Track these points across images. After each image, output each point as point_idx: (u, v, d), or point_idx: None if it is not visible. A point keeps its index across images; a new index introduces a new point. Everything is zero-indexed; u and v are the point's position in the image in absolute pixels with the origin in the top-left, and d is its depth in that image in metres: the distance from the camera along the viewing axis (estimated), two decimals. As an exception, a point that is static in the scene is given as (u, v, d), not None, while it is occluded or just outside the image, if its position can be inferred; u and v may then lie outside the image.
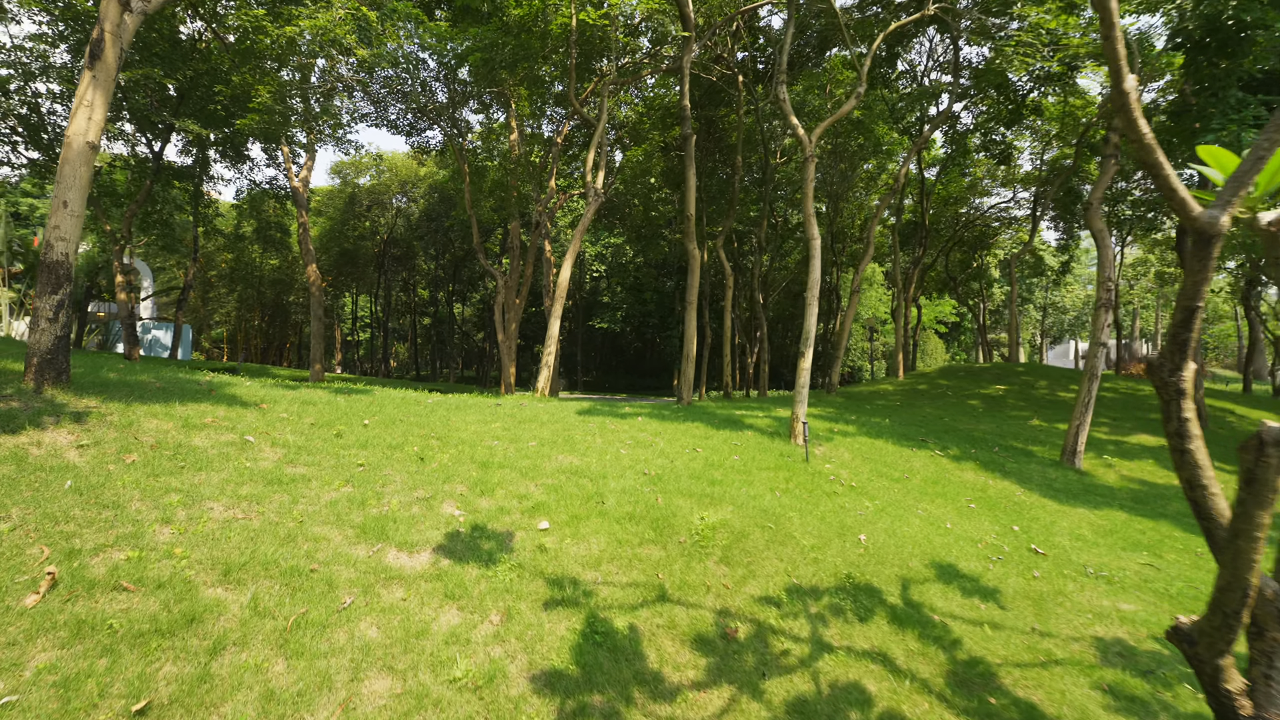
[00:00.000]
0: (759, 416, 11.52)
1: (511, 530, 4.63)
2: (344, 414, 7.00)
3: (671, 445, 8.08)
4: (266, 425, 5.97)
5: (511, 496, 5.27)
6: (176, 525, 3.83)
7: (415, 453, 6.04)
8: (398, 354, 66.21)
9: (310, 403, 7.24)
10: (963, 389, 17.29)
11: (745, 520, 5.42)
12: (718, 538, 4.93)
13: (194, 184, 24.79)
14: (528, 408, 9.73)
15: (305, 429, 6.13)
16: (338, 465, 5.34)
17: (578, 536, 4.66)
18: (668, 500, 5.60)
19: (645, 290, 43.99)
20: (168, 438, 5.09)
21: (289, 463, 5.18)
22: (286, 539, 3.93)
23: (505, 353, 19.70)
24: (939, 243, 28.03)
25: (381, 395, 8.99)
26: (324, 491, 4.75)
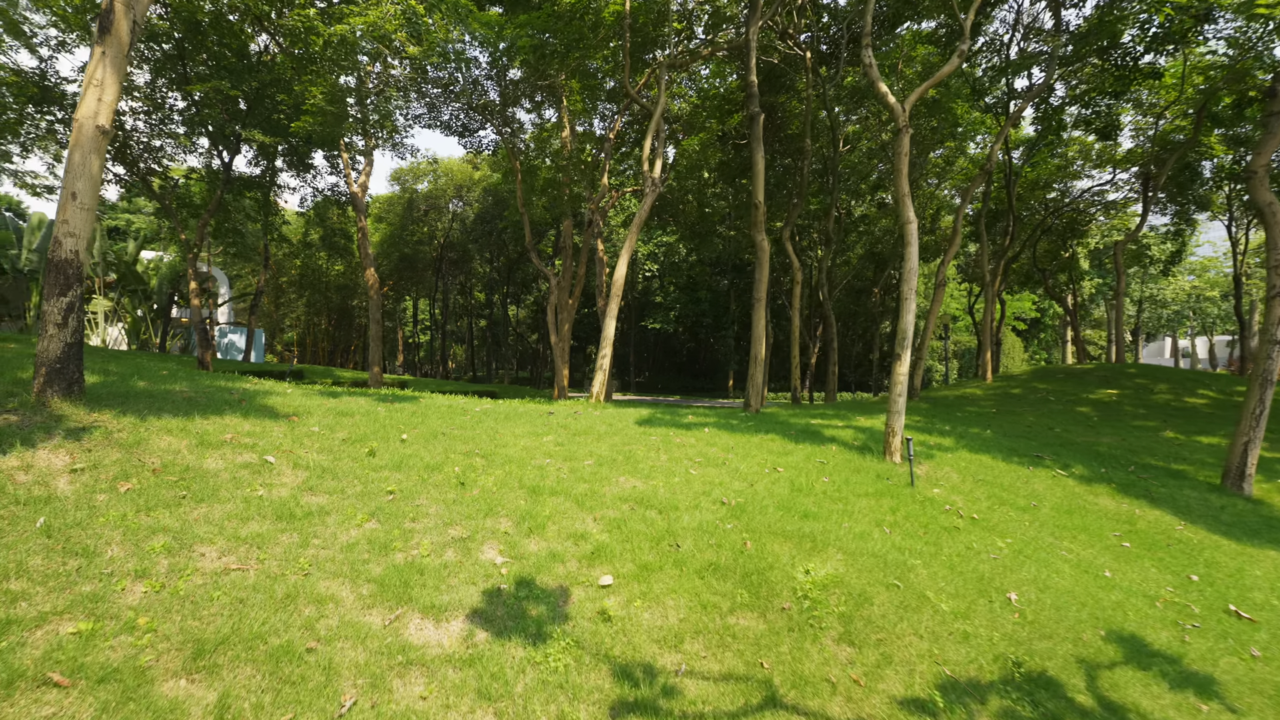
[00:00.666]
0: (839, 427, 10.16)
1: (566, 586, 3.63)
2: (381, 427, 6.23)
3: (747, 464, 6.92)
4: (293, 442, 5.24)
5: (565, 536, 4.28)
6: (153, 581, 3.02)
7: (455, 475, 5.16)
8: (455, 356, 67.58)
9: (346, 414, 6.52)
10: (1066, 393, 15.19)
11: (861, 574, 4.21)
12: (831, 601, 3.76)
13: (262, 193, 25.49)
14: (582, 417, 8.79)
15: (335, 446, 5.36)
16: (365, 492, 4.50)
17: (649, 597, 3.61)
18: (757, 543, 4.46)
19: (699, 289, 42.69)
20: (177, 459, 4.39)
21: (309, 489, 4.38)
22: (284, 601, 3.06)
23: (558, 355, 18.98)
24: (1024, 231, 25.40)
25: (427, 404, 8.25)
26: (343, 529, 3.90)
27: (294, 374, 26.95)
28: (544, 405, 10.29)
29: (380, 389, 10.66)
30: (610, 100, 23.32)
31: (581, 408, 10.27)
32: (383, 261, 40.81)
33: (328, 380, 28.60)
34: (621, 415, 9.48)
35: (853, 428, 10.10)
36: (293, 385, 9.23)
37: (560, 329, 21.64)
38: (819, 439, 8.79)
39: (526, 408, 9.45)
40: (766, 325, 24.61)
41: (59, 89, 18.78)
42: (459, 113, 20.85)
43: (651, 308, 44.14)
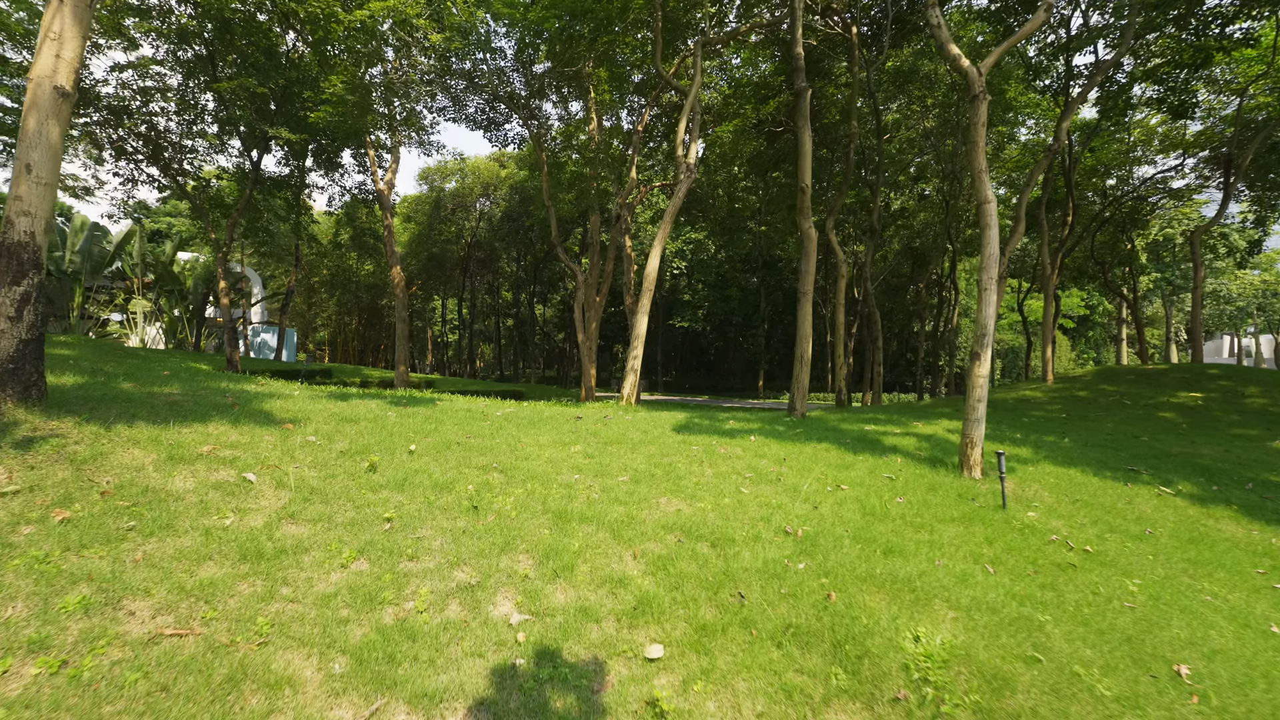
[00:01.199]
0: (897, 434, 9.06)
1: (602, 660, 2.74)
2: (388, 436, 5.46)
3: (805, 480, 5.94)
4: (282, 454, 4.48)
5: (599, 580, 3.39)
6: (50, 657, 2.24)
7: (468, 496, 4.33)
8: (483, 355, 67.68)
9: (351, 420, 5.77)
10: (1141, 397, 13.69)
11: (984, 640, 3.21)
12: (960, 686, 2.78)
13: (292, 193, 25.38)
14: (613, 422, 7.92)
15: (331, 460, 4.59)
16: (357, 520, 3.70)
17: (713, 677, 2.69)
18: (843, 592, 3.50)
19: (728, 287, 41.51)
20: (136, 478, 3.65)
21: (289, 517, 3.59)
22: (224, 687, 2.25)
23: (585, 354, 18.19)
24: (1081, 222, 23.61)
25: (444, 408, 7.48)
26: (322, 572, 3.09)
27: (322, 373, 26.81)
28: (570, 408, 9.45)
29: (399, 390, 9.99)
30: (638, 93, 22.48)
31: (611, 411, 9.40)
32: (411, 261, 40.78)
33: (356, 379, 28.42)
34: (655, 420, 8.57)
35: (913, 435, 8.99)
36: (304, 386, 8.61)
37: (588, 327, 20.86)
38: (879, 449, 7.74)
39: (552, 411, 8.62)
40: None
41: (94, 90, 18.75)
42: (484, 105, 20.24)
43: (679, 306, 43.13)
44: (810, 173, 9.49)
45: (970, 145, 7.29)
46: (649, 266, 10.81)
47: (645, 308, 10.78)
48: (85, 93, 18.80)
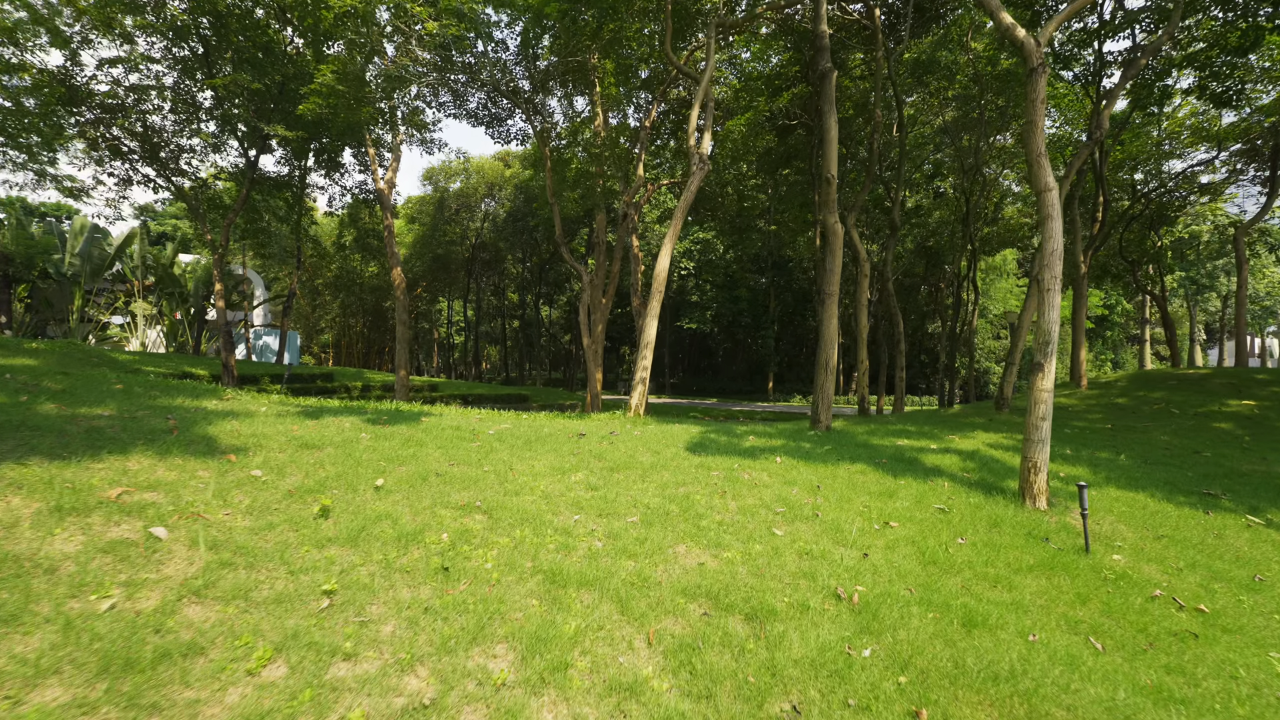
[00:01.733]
0: (934, 450, 8.11)
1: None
2: (355, 465, 4.59)
3: (845, 514, 5.03)
4: (214, 497, 3.62)
5: (602, 688, 2.50)
6: None
7: (440, 550, 3.45)
8: (489, 356, 67.04)
9: (313, 446, 4.90)
10: (1188, 404, 12.63)
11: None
12: None
13: (293, 194, 24.68)
14: (620, 440, 7.03)
15: (274, 503, 3.72)
16: (285, 596, 2.82)
17: None
18: (932, 704, 2.59)
19: (737, 287, 40.53)
20: (1, 540, 2.80)
21: (196, 593, 2.72)
22: None
23: (591, 358, 17.32)
24: (1111, 217, 22.51)
25: (430, 425, 6.60)
26: (216, 687, 2.21)
27: (323, 377, 26.10)
28: (573, 421, 8.57)
29: (384, 404, 9.09)
30: (645, 89, 21.65)
31: (618, 424, 8.51)
32: (415, 262, 40.11)
33: (357, 383, 27.71)
34: (666, 436, 7.67)
35: (953, 452, 8.03)
36: (281, 398, 7.77)
37: (594, 330, 19.99)
38: (920, 471, 6.80)
39: (553, 426, 7.73)
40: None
41: (86, 88, 18.10)
42: (486, 100, 19.42)
43: (687, 307, 42.20)
44: (836, 162, 8.55)
45: (1028, 126, 6.34)
46: (658, 266, 9.92)
47: (654, 311, 9.88)
48: (76, 90, 18.14)
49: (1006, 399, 12.35)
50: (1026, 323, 12.16)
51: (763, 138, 21.21)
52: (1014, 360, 12.26)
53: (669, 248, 9.78)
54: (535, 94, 18.84)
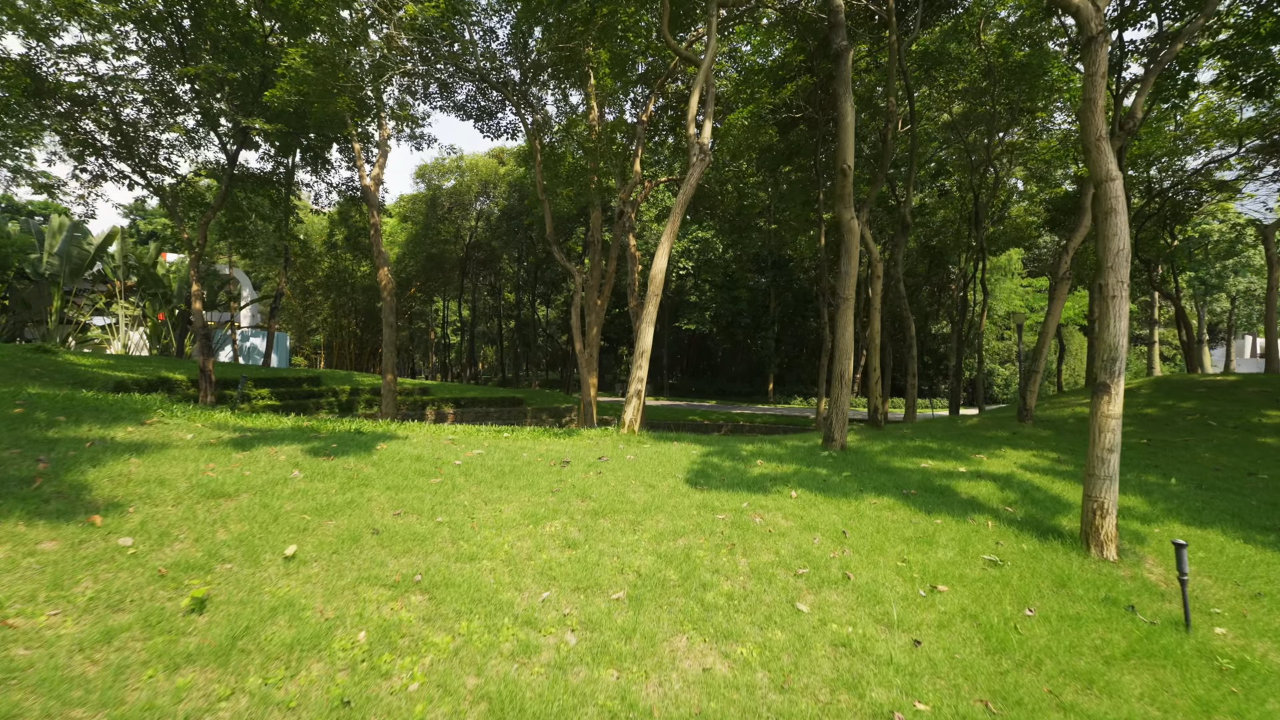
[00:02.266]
0: (963, 475, 7.16)
1: None
2: (268, 523, 3.62)
3: (879, 570, 4.08)
4: (47, 585, 2.65)
5: None
6: None
7: (347, 665, 2.49)
8: (486, 357, 66.09)
9: (221, 494, 3.92)
10: (1225, 415, 11.70)
11: None
12: None
13: (279, 191, 23.66)
14: (609, 469, 6.07)
15: (134, 590, 2.75)
16: (85, 772, 1.86)
17: None
18: None
19: (737, 287, 39.57)
20: None
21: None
22: None
23: (584, 364, 16.35)
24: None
25: (384, 456, 5.62)
26: None
27: (310, 380, 25.09)
28: (559, 442, 7.60)
29: (341, 424, 8.03)
30: (643, 83, 20.72)
31: (609, 444, 7.54)
32: (409, 262, 39.10)
33: (345, 387, 26.72)
34: (663, 461, 6.71)
35: (986, 477, 7.07)
36: (225, 416, 6.79)
37: (588, 333, 19.02)
38: (953, 503, 5.84)
39: (534, 450, 6.77)
40: (828, 327, 21.28)
41: (55, 79, 17.08)
42: (475, 93, 18.43)
43: (686, 307, 41.22)
44: (852, 151, 7.59)
45: (1086, 106, 5.37)
46: (655, 267, 8.96)
47: (650, 317, 8.92)
48: (42, 80, 17.13)
49: (1029, 409, 11.40)
50: (1052, 328, 11.21)
51: (764, 132, 20.26)
52: (1037, 368, 11.32)
53: (666, 247, 8.82)
54: (526, 85, 17.85)
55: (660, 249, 8.94)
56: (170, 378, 19.43)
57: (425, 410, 27.97)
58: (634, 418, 8.73)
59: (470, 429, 8.20)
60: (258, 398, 23.12)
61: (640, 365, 8.54)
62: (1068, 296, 36.34)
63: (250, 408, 22.37)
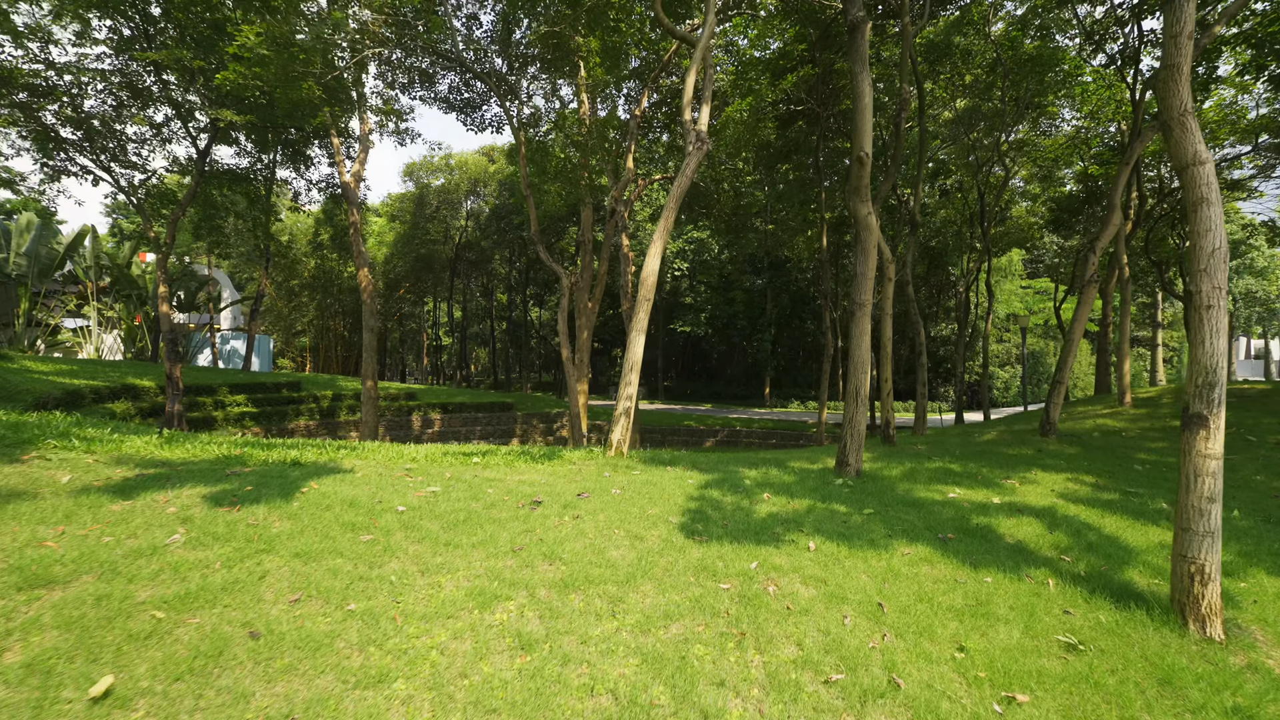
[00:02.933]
0: (996, 505, 6.18)
1: None
2: (101, 624, 2.57)
3: (935, 668, 3.07)
4: None
5: None
6: None
7: None
8: (479, 359, 64.91)
9: (52, 579, 2.86)
10: (1261, 429, 10.77)
11: None
12: None
13: (256, 188, 22.50)
14: (590, 507, 5.05)
15: None
16: None
17: None
18: None
19: (733, 289, 38.62)
20: None
21: None
22: None
23: (572, 373, 15.29)
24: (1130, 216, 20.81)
25: (309, 502, 4.55)
26: None
27: (289, 385, 23.92)
28: (534, 471, 6.56)
29: (269, 459, 6.87)
30: (636, 78, 19.77)
31: (592, 475, 6.52)
32: (397, 262, 37.96)
33: (327, 393, 25.55)
34: (654, 497, 5.69)
35: (1025, 511, 6.09)
36: (159, 440, 5.72)
37: (578, 337, 18.00)
38: (998, 550, 4.85)
39: (504, 484, 5.73)
40: (831, 332, 20.25)
41: (8, 68, 15.88)
42: (459, 84, 17.36)
43: (680, 309, 40.25)
44: (869, 135, 6.60)
45: (1166, 73, 4.38)
46: (646, 269, 7.95)
47: (641, 324, 7.90)
48: (-4, 67, 15.96)
49: (1053, 423, 10.45)
50: (1078, 336, 10.26)
51: (763, 127, 19.31)
52: (1062, 378, 10.35)
53: (659, 246, 7.80)
54: (513, 76, 16.81)
55: (652, 248, 7.93)
56: (137, 385, 18.25)
57: (411, 416, 26.84)
58: (622, 438, 7.70)
59: (435, 454, 7.15)
60: (233, 405, 21.96)
61: (629, 381, 7.52)
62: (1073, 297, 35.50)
63: (225, 416, 21.22)
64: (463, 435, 27.20)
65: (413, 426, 26.37)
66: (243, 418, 21.58)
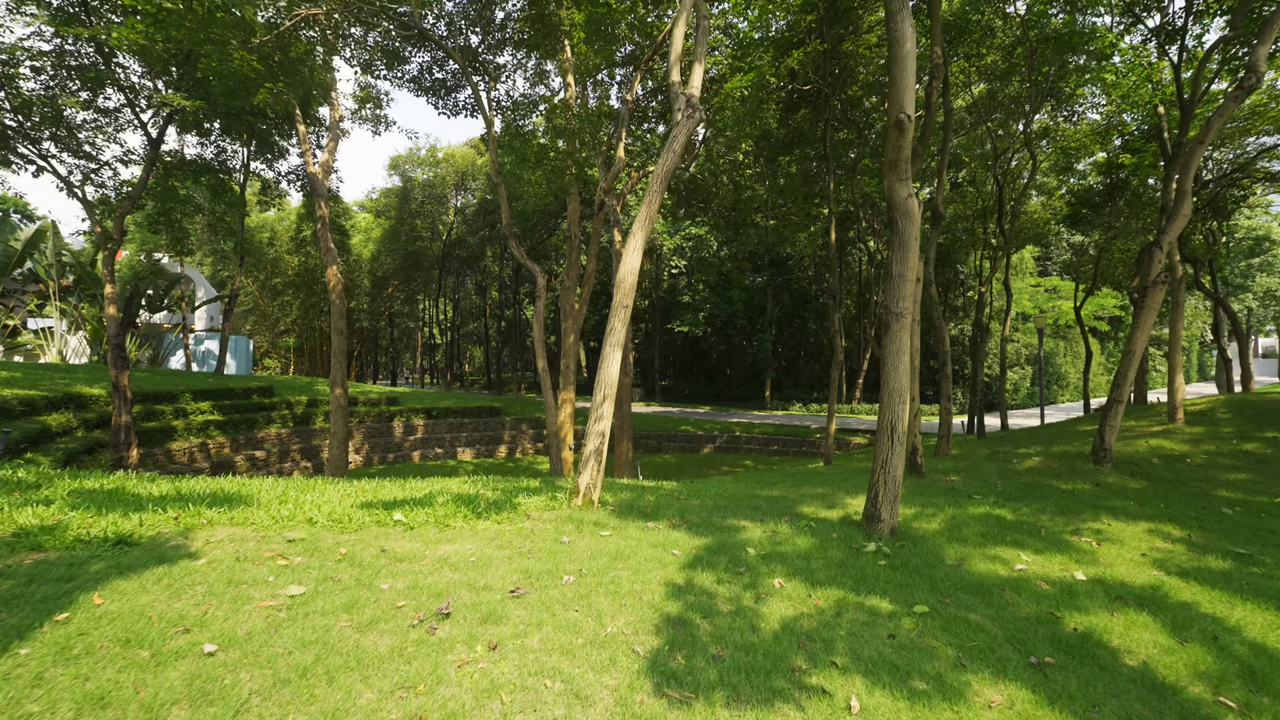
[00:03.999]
0: (1080, 585, 4.53)
1: None
2: None
3: None
4: None
5: None
6: None
7: None
8: (474, 358, 63.25)
9: None
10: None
11: None
12: None
13: (215, 179, 20.79)
14: (523, 615, 3.40)
15: None
16: None
17: None
18: None
19: (732, 287, 36.91)
20: None
21: None
22: None
23: (550, 387, 13.56)
24: (1151, 211, 19.14)
25: (37, 655, 2.88)
26: None
27: (261, 390, 22.27)
28: (469, 535, 4.90)
29: (97, 525, 5.14)
30: (630, 64, 18.14)
31: (547, 540, 4.85)
32: (385, 259, 36.25)
33: (301, 398, 23.90)
34: (621, 591, 4.03)
35: (1126, 600, 4.43)
36: None
37: (564, 341, 16.32)
38: (1124, 687, 3.20)
39: (413, 571, 4.07)
40: (840, 334, 18.53)
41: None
42: (430, 64, 15.64)
43: (678, 308, 38.54)
44: (912, 91, 4.91)
45: None
46: (624, 267, 6.29)
47: (619, 338, 6.24)
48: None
49: (1108, 449, 8.78)
50: (1141, 346, 8.58)
51: (765, 111, 17.63)
52: (1121, 396, 8.68)
53: (640, 238, 6.14)
54: (489, 53, 15.09)
55: (631, 241, 6.25)
56: (84, 393, 16.56)
57: (393, 423, 25.19)
58: (592, 481, 6.04)
59: (346, 510, 5.48)
60: (196, 413, 20.32)
61: (601, 414, 5.85)
62: (1095, 295, 33.60)
63: (187, 425, 19.58)
64: (447, 443, 25.56)
65: (394, 434, 24.74)
66: (207, 426, 19.95)
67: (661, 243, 36.70)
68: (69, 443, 14.36)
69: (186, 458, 18.69)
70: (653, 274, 39.35)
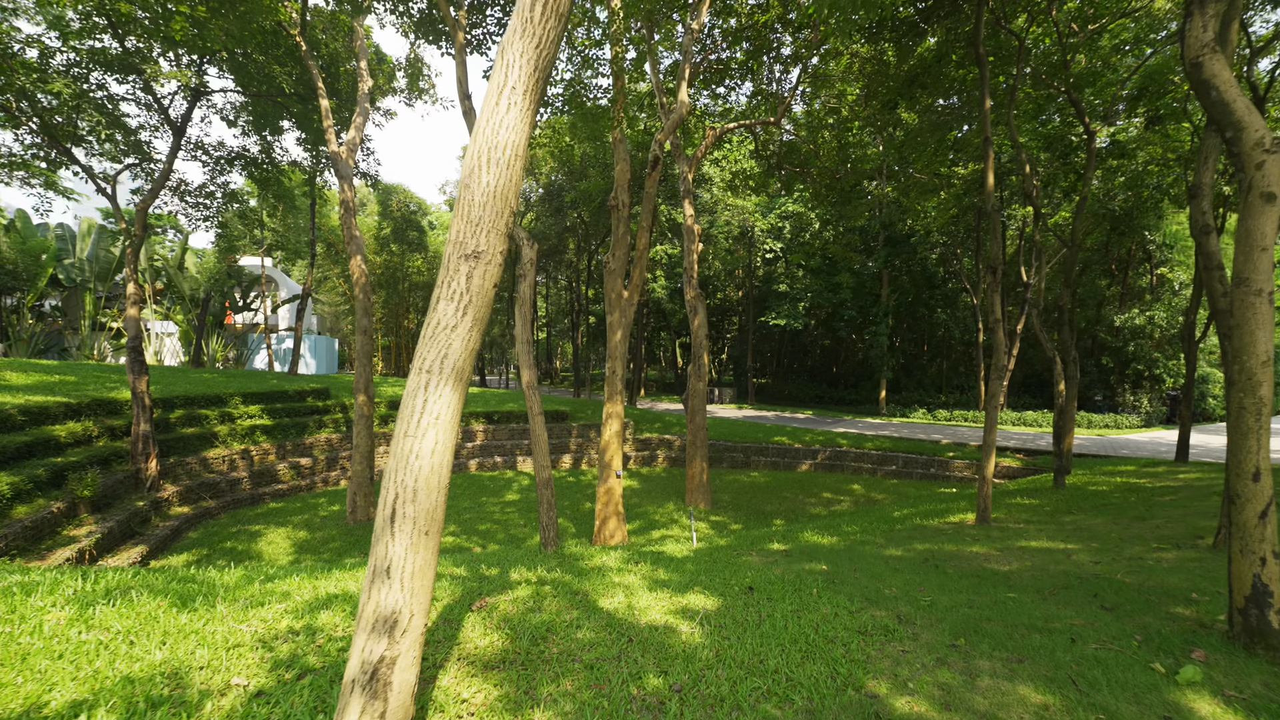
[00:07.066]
0: None
1: None
2: None
3: None
4: None
5: None
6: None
7: None
8: (564, 354, 61.72)
9: None
10: None
11: None
12: None
13: (261, 170, 19.38)
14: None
15: None
16: None
17: None
18: None
19: (838, 272, 30.96)
20: None
21: None
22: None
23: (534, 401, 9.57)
24: None
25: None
26: None
27: (315, 393, 20.79)
28: None
29: None
30: None
31: None
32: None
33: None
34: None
35: None
36: None
37: (609, 338, 12.39)
38: None
39: None
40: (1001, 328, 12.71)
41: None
42: None
43: (774, 298, 33.21)
44: None
45: None
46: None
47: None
48: None
49: None
50: None
51: (879, 44, 12.52)
52: None
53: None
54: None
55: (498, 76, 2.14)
56: (114, 399, 15.43)
57: None
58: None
59: None
60: (243, 417, 19.00)
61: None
62: None
63: (231, 431, 18.38)
64: (507, 450, 22.82)
65: (449, 441, 22.34)
66: (252, 432, 18.54)
67: (753, 224, 31.62)
68: (78, 454, 12.80)
69: (226, 465, 17.21)
70: (745, 261, 34.35)
